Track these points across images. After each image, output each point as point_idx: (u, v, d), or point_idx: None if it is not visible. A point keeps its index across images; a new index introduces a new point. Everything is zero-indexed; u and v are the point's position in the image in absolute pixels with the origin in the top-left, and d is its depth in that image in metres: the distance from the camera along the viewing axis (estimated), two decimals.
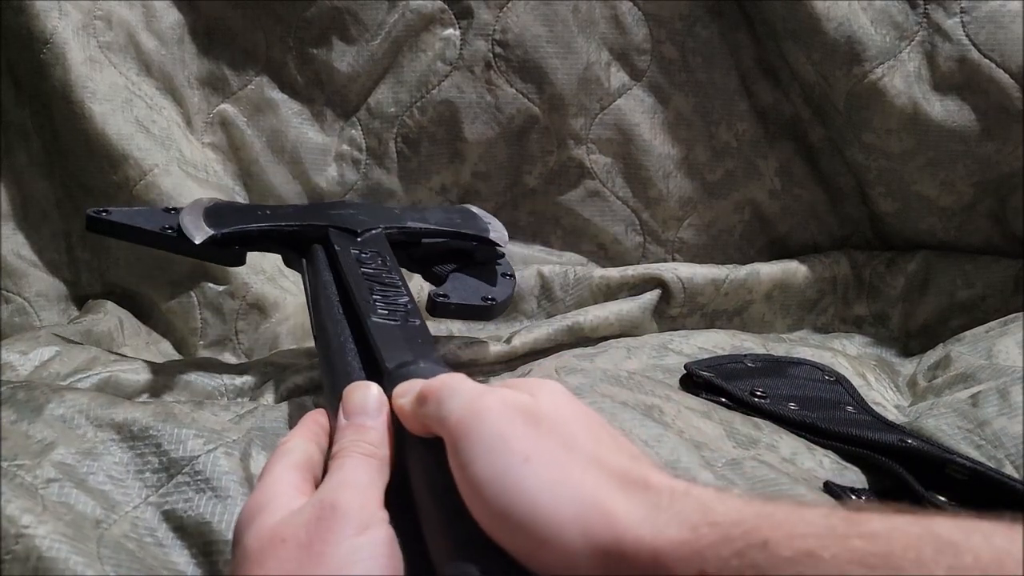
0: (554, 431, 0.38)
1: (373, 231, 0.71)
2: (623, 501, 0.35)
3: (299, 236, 0.71)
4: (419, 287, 0.89)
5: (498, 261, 0.79)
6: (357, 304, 0.58)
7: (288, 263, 0.73)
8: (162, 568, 0.48)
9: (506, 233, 0.81)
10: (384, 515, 0.40)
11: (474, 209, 0.84)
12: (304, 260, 0.69)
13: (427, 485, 0.41)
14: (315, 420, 0.50)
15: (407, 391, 0.45)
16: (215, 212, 0.72)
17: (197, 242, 0.67)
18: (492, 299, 0.74)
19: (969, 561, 0.27)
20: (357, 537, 0.38)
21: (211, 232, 0.68)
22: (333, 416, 0.49)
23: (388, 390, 0.48)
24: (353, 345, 0.56)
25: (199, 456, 0.54)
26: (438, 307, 0.71)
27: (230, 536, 0.49)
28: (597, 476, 0.36)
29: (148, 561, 0.48)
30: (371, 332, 0.54)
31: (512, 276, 0.79)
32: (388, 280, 0.63)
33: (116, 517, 0.50)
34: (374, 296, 0.59)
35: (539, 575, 0.35)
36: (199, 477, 0.53)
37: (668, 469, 0.54)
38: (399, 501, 0.42)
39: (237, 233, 0.69)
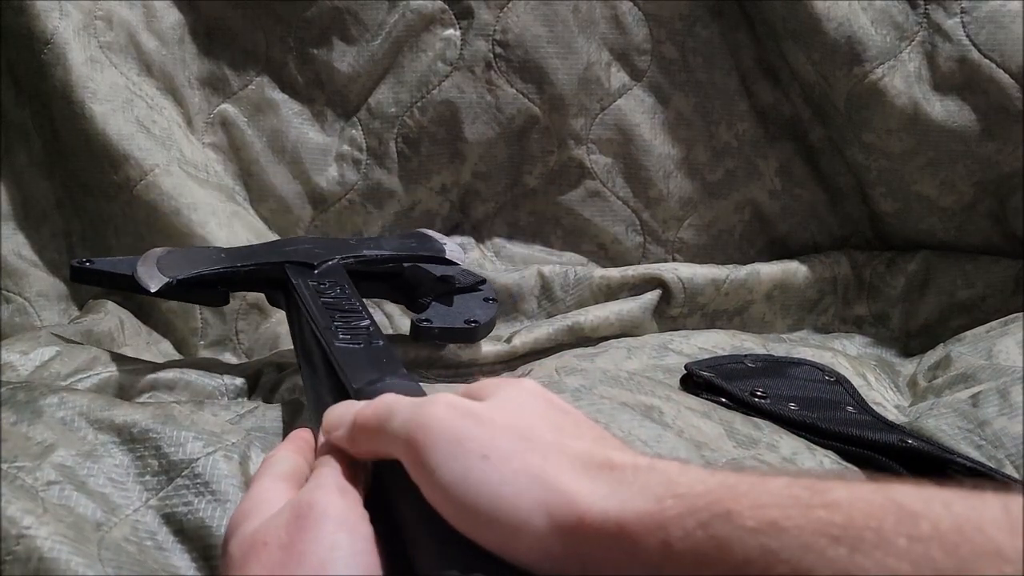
0: (509, 426, 0.38)
1: (329, 262, 0.72)
2: (586, 482, 0.35)
3: (255, 276, 0.73)
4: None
5: (480, 287, 0.80)
6: (319, 333, 0.59)
7: (272, 302, 0.75)
8: (163, 571, 0.48)
9: (463, 253, 0.82)
10: (363, 513, 0.41)
11: (430, 233, 0.85)
12: (283, 296, 0.71)
13: (400, 503, 0.41)
14: (301, 436, 0.50)
15: (336, 424, 0.45)
16: (170, 260, 0.73)
17: (152, 291, 0.69)
18: (475, 321, 0.75)
19: (927, 529, 0.27)
20: (336, 534, 0.39)
21: (166, 280, 0.69)
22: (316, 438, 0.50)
23: None
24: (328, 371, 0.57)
25: (198, 459, 0.54)
26: (422, 332, 0.72)
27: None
28: (558, 461, 0.36)
29: (149, 564, 0.49)
30: (335, 357, 0.55)
31: (495, 300, 0.80)
32: (348, 307, 0.64)
33: (116, 520, 0.50)
34: (335, 323, 0.61)
35: (516, 563, 0.36)
36: (198, 480, 0.53)
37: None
38: (377, 509, 0.42)
39: (192, 279, 0.70)
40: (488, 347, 0.79)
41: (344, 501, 0.41)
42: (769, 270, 0.91)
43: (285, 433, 0.59)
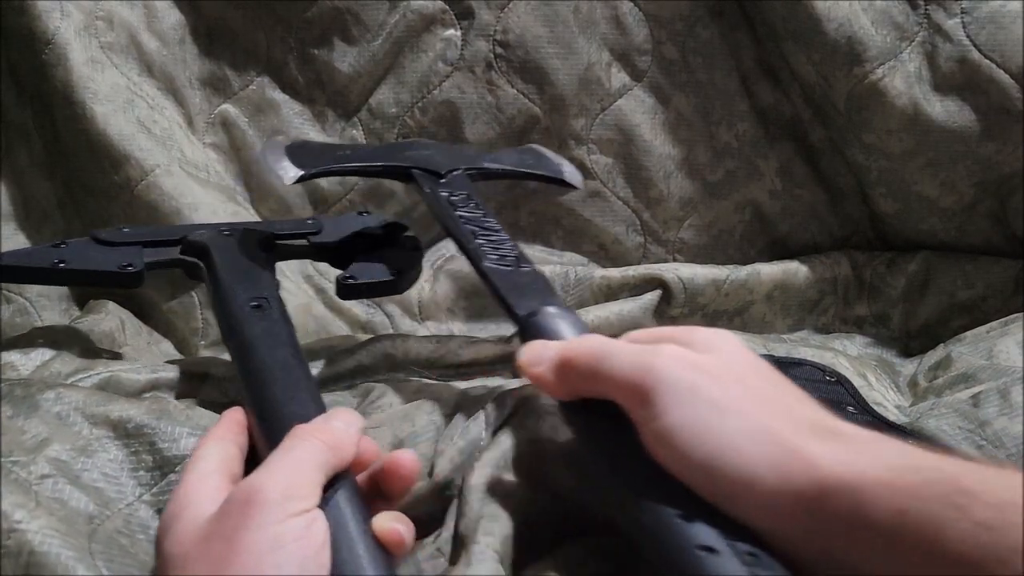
0: (739, 383, 0.39)
1: (455, 172, 0.72)
2: (819, 446, 0.36)
3: (383, 176, 0.74)
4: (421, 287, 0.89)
5: (404, 237, 0.78)
6: (467, 250, 0.59)
7: (191, 275, 0.72)
8: (153, 563, 0.48)
9: (580, 175, 0.82)
10: (319, 496, 0.40)
11: (543, 151, 0.85)
12: (203, 265, 0.68)
13: (597, 445, 0.42)
14: (232, 419, 0.49)
15: (537, 358, 0.46)
16: (297, 151, 0.73)
17: (288, 183, 0.69)
18: (398, 271, 0.73)
19: None
20: (282, 523, 0.38)
21: (300, 172, 0.69)
22: (257, 418, 0.49)
23: (524, 338, 0.51)
24: (301, 363, 0.55)
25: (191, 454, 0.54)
26: (346, 289, 0.71)
27: None
28: (790, 424, 0.37)
29: (140, 556, 0.49)
30: (491, 279, 0.56)
31: (419, 249, 0.78)
32: (488, 225, 0.64)
33: (109, 513, 0.51)
34: (478, 240, 0.60)
35: (737, 519, 0.36)
36: None
37: None
38: (573, 447, 0.44)
39: (323, 172, 0.71)
40: (488, 347, 0.79)
41: (296, 483, 0.40)
42: (769, 270, 0.91)
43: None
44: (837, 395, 0.71)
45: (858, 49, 0.85)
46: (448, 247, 0.94)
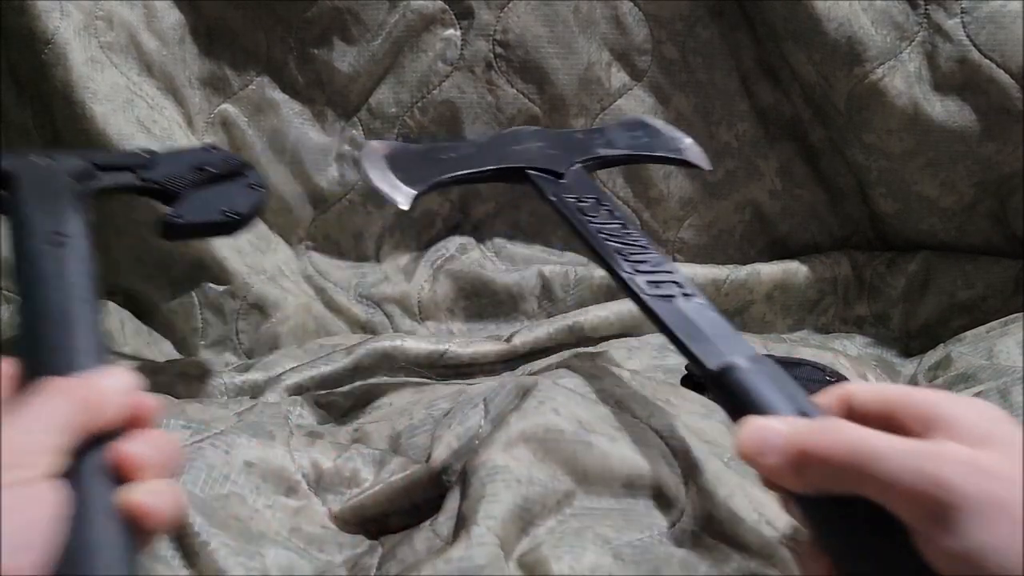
0: None
1: (573, 167, 0.66)
2: None
3: (495, 180, 0.68)
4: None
5: (245, 172, 0.72)
6: (617, 277, 0.52)
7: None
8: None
9: (700, 150, 0.75)
10: (53, 463, 0.36)
11: (652, 122, 0.80)
12: (6, 194, 0.57)
13: (859, 550, 0.38)
14: None
15: (762, 445, 0.40)
16: (399, 160, 0.67)
17: (405, 208, 0.63)
18: (234, 213, 0.67)
19: None
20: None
21: (414, 193, 0.63)
22: (26, 368, 0.43)
23: (723, 401, 0.45)
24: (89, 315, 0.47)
25: (184, 447, 0.55)
26: (172, 229, 0.64)
27: (203, 522, 0.51)
28: None
29: None
30: (658, 316, 0.48)
31: (262, 187, 0.72)
32: (631, 239, 0.56)
33: None
34: (626, 261, 0.53)
35: None
36: (182, 469, 0.54)
37: (682, 453, 0.55)
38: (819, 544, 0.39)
39: (435, 186, 0.65)
40: (488, 346, 0.80)
41: (24, 446, 0.36)
42: (769, 270, 0.91)
43: (285, 433, 0.59)
44: None
45: (858, 49, 0.85)
46: (448, 247, 0.94)
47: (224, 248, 0.87)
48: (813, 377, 0.74)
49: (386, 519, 0.56)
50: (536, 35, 0.90)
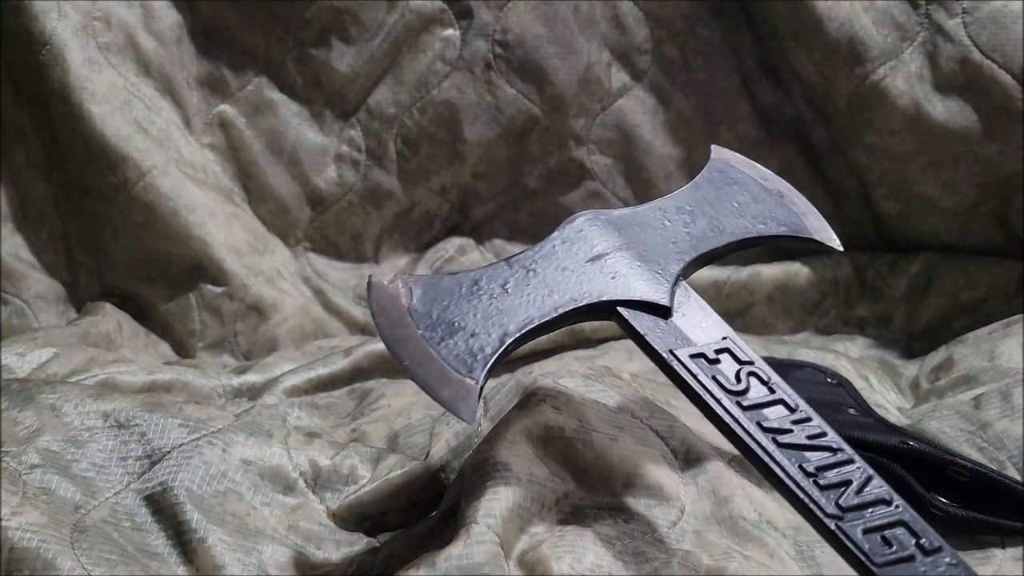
0: None
1: (677, 289, 0.47)
2: None
3: (577, 322, 0.52)
4: None
5: None
6: (821, 519, 0.36)
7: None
8: (138, 551, 0.50)
9: (829, 229, 0.57)
10: None
11: (762, 175, 0.60)
12: None
13: None
14: None
15: None
16: (430, 317, 0.48)
17: (469, 421, 0.45)
18: None
19: None
20: None
21: (477, 386, 0.45)
22: None
23: None
24: None
25: (182, 445, 0.55)
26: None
27: (200, 518, 0.51)
28: None
29: (125, 546, 0.50)
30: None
31: None
32: (812, 429, 0.38)
33: (96, 503, 0.52)
34: (814, 478, 0.36)
35: None
36: (179, 465, 0.54)
37: (682, 454, 0.55)
38: None
39: (500, 360, 0.47)
40: None
41: None
42: (770, 271, 0.90)
43: (283, 432, 0.59)
44: (838, 397, 0.70)
45: (859, 49, 0.85)
46: (447, 248, 0.94)
47: (222, 250, 0.87)
48: (814, 379, 0.73)
49: (384, 516, 0.56)
50: (536, 35, 0.90)
